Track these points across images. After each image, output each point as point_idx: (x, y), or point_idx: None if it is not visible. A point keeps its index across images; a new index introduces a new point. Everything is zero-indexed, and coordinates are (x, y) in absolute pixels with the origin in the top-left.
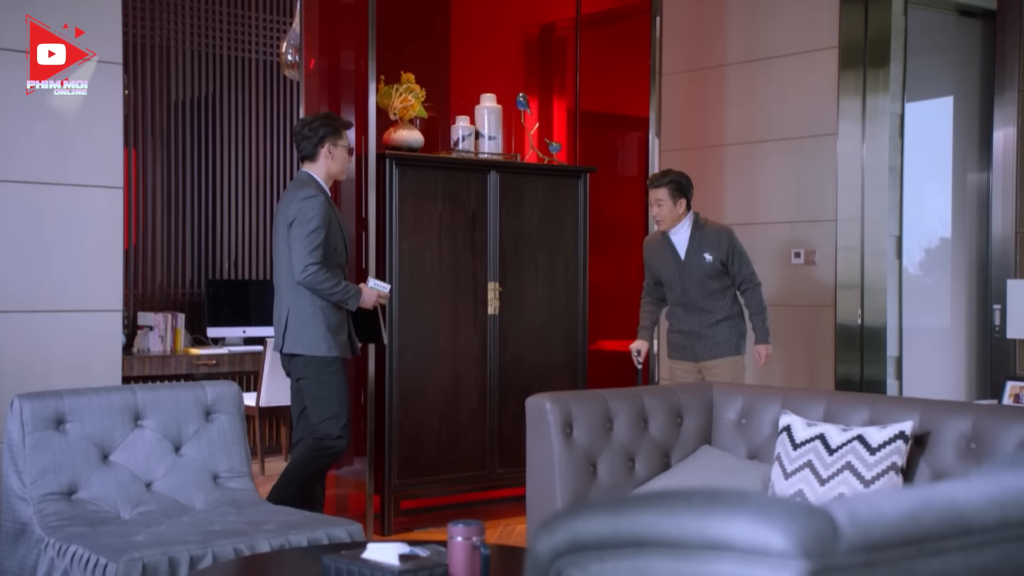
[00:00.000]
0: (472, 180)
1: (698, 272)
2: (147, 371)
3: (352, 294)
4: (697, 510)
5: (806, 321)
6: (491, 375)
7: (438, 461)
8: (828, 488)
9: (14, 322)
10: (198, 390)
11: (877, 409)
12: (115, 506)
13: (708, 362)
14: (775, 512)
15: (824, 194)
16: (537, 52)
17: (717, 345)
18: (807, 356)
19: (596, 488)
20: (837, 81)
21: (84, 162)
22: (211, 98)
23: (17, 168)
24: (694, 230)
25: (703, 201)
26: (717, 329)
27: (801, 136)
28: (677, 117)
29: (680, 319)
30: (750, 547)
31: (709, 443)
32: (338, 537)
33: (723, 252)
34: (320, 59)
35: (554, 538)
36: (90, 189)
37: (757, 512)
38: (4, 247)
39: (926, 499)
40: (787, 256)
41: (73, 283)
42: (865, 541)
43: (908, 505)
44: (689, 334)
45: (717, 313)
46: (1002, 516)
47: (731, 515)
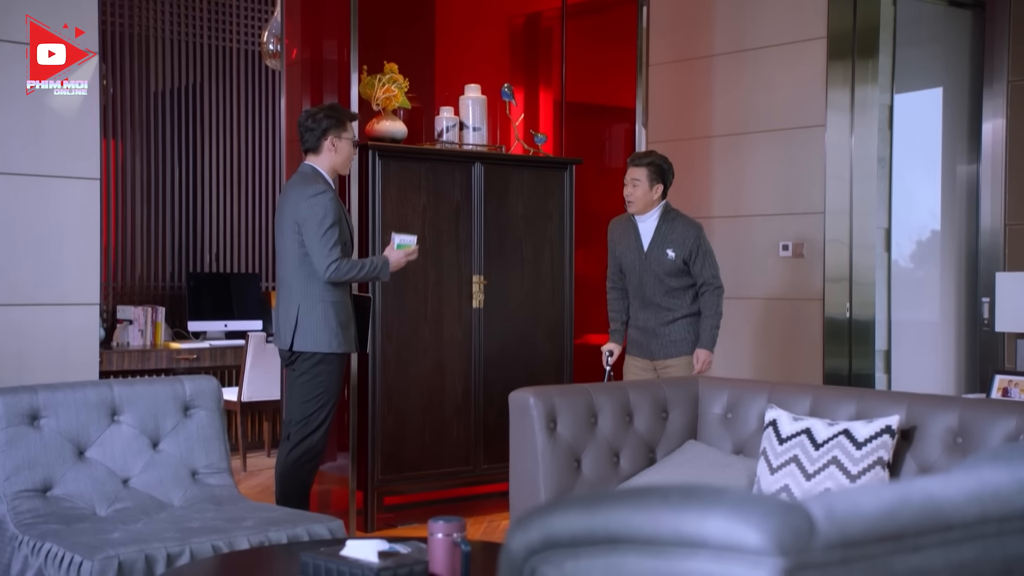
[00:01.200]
0: (456, 172)
1: (658, 267)
2: (127, 365)
3: (381, 266)
4: (672, 506)
5: (794, 314)
6: (476, 369)
7: (422, 456)
8: (814, 483)
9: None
10: (176, 385)
11: (864, 403)
12: (91, 503)
13: (662, 361)
14: (750, 508)
15: (812, 186)
16: (523, 42)
17: (673, 344)
18: (795, 350)
19: (580, 483)
20: (825, 72)
21: (60, 153)
22: (192, 88)
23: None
24: (661, 221)
25: (690, 193)
26: (673, 327)
27: (789, 127)
28: (664, 108)
29: (637, 314)
30: (725, 544)
31: (695, 438)
32: (319, 534)
33: (687, 250)
34: (302, 49)
35: (528, 535)
36: (66, 180)
37: (732, 508)
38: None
39: (904, 495)
40: (775, 249)
41: (49, 276)
42: (842, 537)
43: (886, 501)
44: (644, 330)
45: (675, 310)
46: (981, 512)
47: (706, 511)
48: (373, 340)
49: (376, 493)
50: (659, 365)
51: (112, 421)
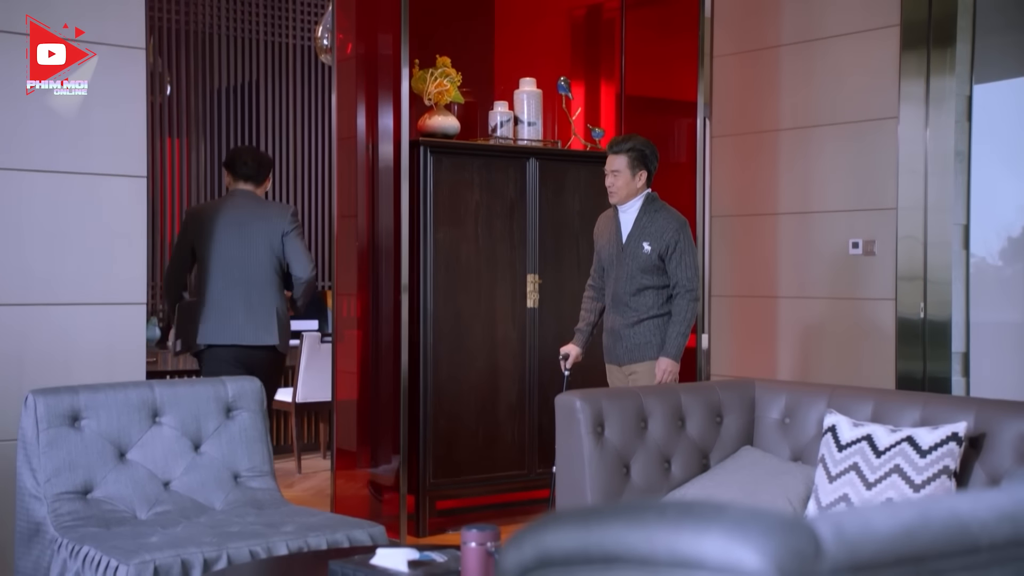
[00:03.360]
0: (511, 168)
1: (633, 262)
2: (182, 366)
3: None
4: (669, 524)
5: (864, 315)
6: (530, 370)
7: (475, 460)
8: (875, 492)
9: (35, 315)
10: (218, 386)
11: (929, 409)
12: (131, 506)
13: (628, 366)
14: (751, 527)
15: (884, 181)
16: (584, 35)
17: (637, 348)
18: (865, 352)
19: (629, 490)
20: (899, 62)
21: (106, 150)
22: (250, 85)
23: (37, 157)
24: (642, 212)
25: (756, 189)
26: (638, 329)
27: (860, 120)
28: (729, 101)
29: (608, 315)
30: (722, 565)
31: (751, 443)
32: (360, 540)
33: (664, 244)
34: (356, 44)
35: (522, 553)
36: (112, 178)
37: (731, 527)
38: (25, 238)
39: (925, 513)
40: (844, 247)
41: (95, 275)
42: (851, 560)
43: (904, 520)
44: (611, 332)
45: (640, 311)
46: (1013, 532)
47: (704, 530)
48: (424, 340)
49: (428, 497)
50: (626, 371)
51: (153, 422)
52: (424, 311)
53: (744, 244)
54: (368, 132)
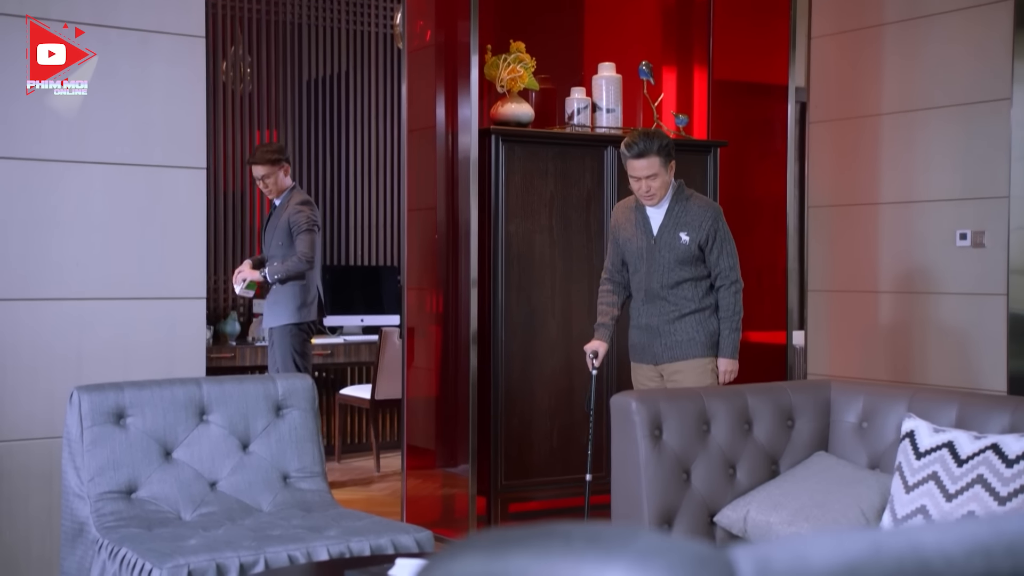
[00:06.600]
0: (587, 157)
1: (669, 254)
2: (259, 361)
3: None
4: (574, 554)
5: (972, 311)
6: (608, 368)
7: (549, 462)
8: (955, 505)
9: (94, 310)
10: (268, 383)
11: (1020, 414)
12: (176, 506)
13: (668, 365)
14: (656, 560)
15: (995, 168)
16: (676, 19)
17: (679, 345)
18: (973, 351)
19: (690, 497)
20: (1012, 40)
21: (166, 142)
22: (336, 77)
23: (95, 148)
24: (673, 203)
25: (856, 177)
26: (680, 325)
27: (969, 103)
28: (827, 84)
29: (640, 311)
30: None
31: (825, 449)
32: (405, 545)
33: (703, 234)
34: (436, 32)
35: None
36: (171, 170)
37: (636, 559)
38: (83, 230)
39: (878, 545)
40: (951, 238)
41: (155, 269)
42: None
43: (850, 554)
44: (648, 329)
45: (682, 306)
46: (986, 570)
47: (607, 561)
48: (496, 336)
49: (500, 500)
50: (665, 371)
51: (200, 421)
52: (495, 306)
53: (843, 236)
54: (444, 121)
